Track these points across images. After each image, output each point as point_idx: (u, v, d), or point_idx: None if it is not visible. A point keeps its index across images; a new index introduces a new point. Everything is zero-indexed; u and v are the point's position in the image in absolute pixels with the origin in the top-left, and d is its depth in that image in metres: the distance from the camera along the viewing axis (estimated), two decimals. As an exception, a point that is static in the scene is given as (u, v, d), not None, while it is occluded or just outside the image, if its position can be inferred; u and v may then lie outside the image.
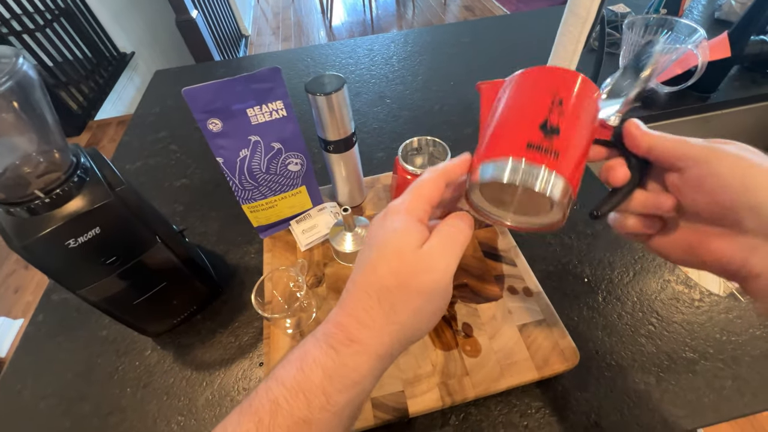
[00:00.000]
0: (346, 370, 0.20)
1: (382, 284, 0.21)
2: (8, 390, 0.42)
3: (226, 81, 0.35)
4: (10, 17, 1.67)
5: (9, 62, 0.26)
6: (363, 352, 0.20)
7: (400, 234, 0.21)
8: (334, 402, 0.20)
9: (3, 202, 0.29)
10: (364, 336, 0.20)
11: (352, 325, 0.21)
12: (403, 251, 0.21)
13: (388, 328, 0.21)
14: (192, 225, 0.56)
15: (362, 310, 0.21)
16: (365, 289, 0.21)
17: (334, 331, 0.21)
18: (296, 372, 0.20)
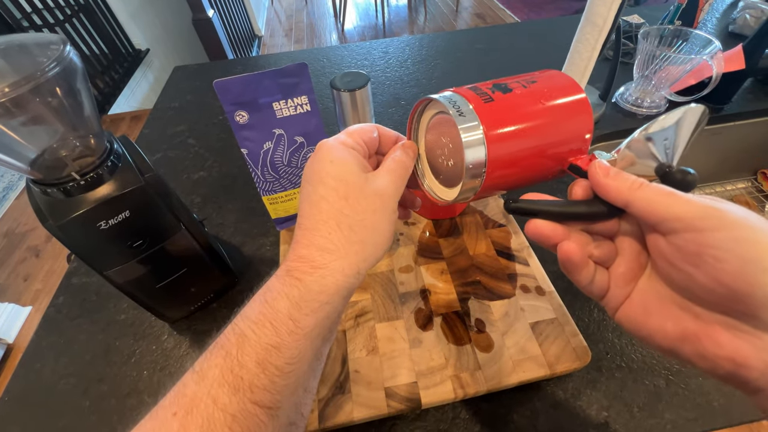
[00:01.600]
0: (312, 293, 0.20)
1: (335, 209, 0.21)
2: (29, 369, 0.43)
3: (255, 75, 0.36)
4: (31, 11, 1.71)
5: (57, 49, 0.28)
6: (328, 274, 0.21)
7: (339, 163, 0.22)
8: (303, 325, 0.20)
9: (40, 183, 0.31)
10: (328, 260, 0.21)
11: (313, 254, 0.21)
12: (348, 178, 0.22)
13: (351, 247, 0.21)
14: (209, 216, 0.58)
15: (321, 238, 0.21)
16: (321, 219, 0.21)
17: (296, 264, 0.21)
18: (260, 305, 0.20)
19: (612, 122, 0.70)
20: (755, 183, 0.86)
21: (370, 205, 0.22)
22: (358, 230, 0.22)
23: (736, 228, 0.15)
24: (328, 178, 0.22)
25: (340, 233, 0.21)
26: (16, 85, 0.25)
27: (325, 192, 0.22)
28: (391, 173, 0.24)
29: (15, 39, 0.29)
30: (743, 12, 0.87)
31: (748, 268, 0.15)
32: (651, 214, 0.18)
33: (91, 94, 0.31)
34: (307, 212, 0.22)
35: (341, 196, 0.22)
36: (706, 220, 0.16)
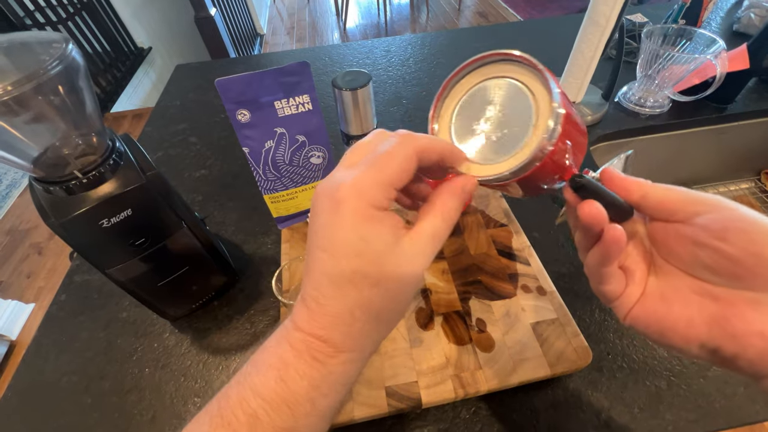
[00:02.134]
0: (333, 377, 0.19)
1: (365, 298, 0.18)
2: (31, 366, 0.43)
3: (256, 73, 0.36)
4: (34, 9, 1.71)
5: (59, 47, 0.28)
6: (351, 360, 0.19)
7: (372, 240, 0.18)
8: (321, 407, 0.19)
9: (43, 181, 0.31)
10: (352, 346, 0.19)
11: (336, 338, 0.19)
12: (382, 261, 0.18)
13: (375, 335, 0.20)
14: (211, 215, 0.58)
15: (345, 326, 0.19)
16: (346, 307, 0.18)
17: (317, 344, 0.19)
18: (276, 383, 0.18)
19: (615, 122, 0.69)
20: (759, 183, 0.86)
21: (403, 292, 0.19)
22: (384, 317, 0.19)
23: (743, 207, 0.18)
24: (357, 260, 0.18)
25: (367, 323, 0.19)
26: (19, 84, 0.25)
27: (353, 276, 0.18)
28: (432, 236, 0.20)
29: (18, 37, 0.29)
30: (748, 11, 0.86)
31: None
32: (672, 202, 0.19)
33: (94, 92, 0.32)
34: (329, 293, 0.18)
35: (373, 283, 0.18)
36: (722, 203, 0.18)
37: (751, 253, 0.17)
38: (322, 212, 0.19)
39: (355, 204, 0.18)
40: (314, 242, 0.19)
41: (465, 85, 0.23)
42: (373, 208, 0.18)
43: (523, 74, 0.21)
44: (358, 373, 0.20)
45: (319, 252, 0.18)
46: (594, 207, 0.19)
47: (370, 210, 0.18)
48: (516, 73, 0.22)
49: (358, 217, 0.18)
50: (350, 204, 0.18)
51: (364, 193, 0.18)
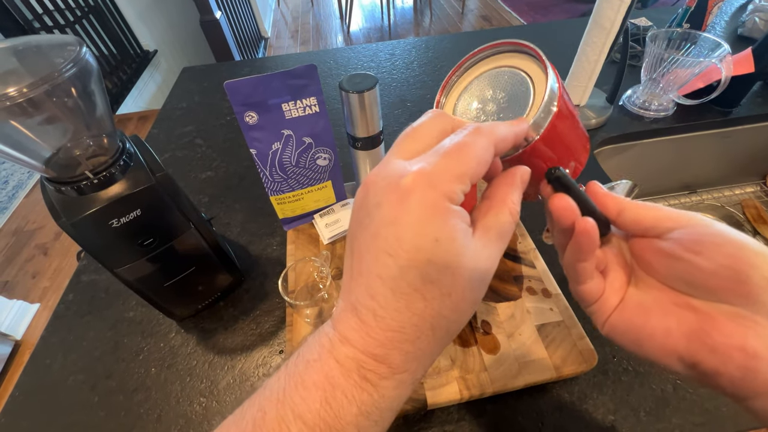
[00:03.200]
0: (386, 401, 0.17)
1: (434, 311, 0.16)
2: (39, 365, 0.44)
3: (264, 76, 0.37)
4: (42, 12, 1.73)
5: (74, 50, 0.28)
6: (406, 381, 0.17)
7: (447, 242, 0.15)
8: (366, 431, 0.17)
9: (54, 181, 0.31)
10: (411, 366, 0.17)
11: (395, 358, 0.16)
12: (456, 266, 0.16)
13: (438, 350, 0.18)
14: (216, 216, 0.58)
15: (408, 343, 0.16)
16: (413, 321, 0.16)
17: (370, 362, 0.16)
18: (320, 407, 0.16)
19: (619, 125, 0.69)
20: (764, 187, 0.86)
21: (473, 299, 0.17)
22: (453, 330, 0.17)
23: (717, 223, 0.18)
24: (429, 267, 0.15)
25: (432, 339, 0.17)
26: (34, 86, 0.26)
27: (423, 285, 0.15)
28: (501, 241, 0.18)
29: (32, 40, 0.30)
30: (752, 15, 0.86)
31: (744, 251, 0.17)
32: (646, 218, 0.20)
33: (105, 94, 0.32)
34: (390, 304, 0.16)
35: (445, 294, 0.16)
36: (696, 218, 0.19)
37: (724, 266, 0.17)
38: (381, 205, 0.16)
39: (428, 195, 0.15)
40: (371, 242, 0.16)
41: (474, 72, 0.24)
42: (448, 200, 0.16)
43: (530, 67, 0.22)
44: (407, 397, 0.18)
45: (382, 255, 0.16)
46: (564, 200, 0.19)
47: (445, 203, 0.15)
48: (524, 65, 0.22)
49: (431, 210, 0.15)
50: (421, 195, 0.15)
51: (439, 184, 0.15)
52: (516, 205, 0.18)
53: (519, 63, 0.23)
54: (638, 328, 0.19)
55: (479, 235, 0.17)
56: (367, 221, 0.16)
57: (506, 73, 0.23)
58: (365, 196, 0.17)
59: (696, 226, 0.18)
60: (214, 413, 0.39)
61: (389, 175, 0.16)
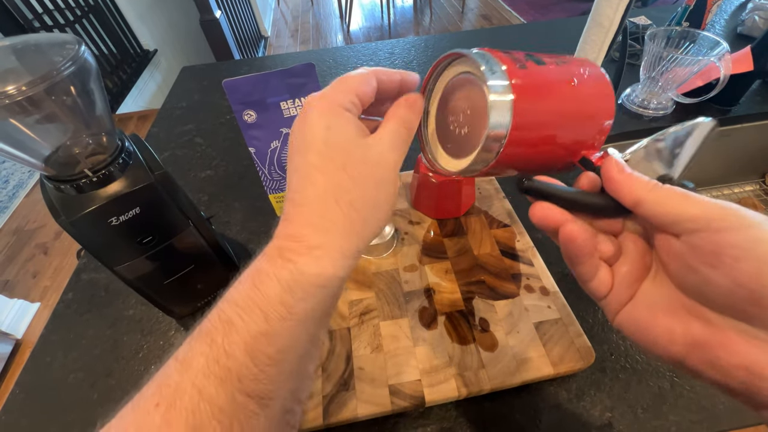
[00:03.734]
0: (306, 276, 0.18)
1: (333, 183, 0.19)
2: (39, 363, 0.44)
3: (263, 74, 0.37)
4: (42, 12, 1.74)
5: (72, 49, 0.28)
6: (325, 255, 0.19)
7: (336, 130, 0.19)
8: (296, 311, 0.18)
9: (54, 179, 0.31)
10: (325, 240, 0.19)
11: (308, 234, 0.18)
12: (347, 146, 0.19)
13: (351, 226, 0.19)
14: (216, 214, 0.58)
15: (316, 215, 0.19)
16: (316, 194, 0.19)
17: (288, 243, 0.19)
18: (249, 289, 0.18)
19: (618, 124, 0.69)
20: (763, 185, 0.86)
21: (372, 176, 0.20)
22: (358, 206, 0.19)
23: (753, 228, 0.15)
24: (323, 147, 0.19)
25: (338, 210, 0.19)
26: (33, 84, 0.26)
27: (320, 162, 0.19)
28: (395, 136, 0.21)
29: (31, 39, 0.30)
30: (752, 13, 0.86)
31: (766, 269, 0.14)
32: (665, 214, 0.17)
33: (104, 93, 0.32)
34: (299, 185, 0.19)
35: (339, 167, 0.19)
36: (723, 220, 0.16)
37: (741, 286, 0.15)
38: (294, 125, 0.20)
39: (321, 104, 0.20)
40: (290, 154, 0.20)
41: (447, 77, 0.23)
42: (338, 105, 0.20)
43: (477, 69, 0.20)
44: (336, 277, 0.19)
45: (291, 153, 0.20)
46: (539, 209, 0.19)
47: (335, 106, 0.19)
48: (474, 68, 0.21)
49: (323, 111, 0.19)
50: (316, 105, 0.20)
51: (328, 96, 0.20)
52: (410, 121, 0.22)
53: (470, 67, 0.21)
54: (643, 329, 0.19)
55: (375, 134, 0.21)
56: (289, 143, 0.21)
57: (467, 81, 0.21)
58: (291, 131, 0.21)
59: (717, 232, 0.16)
60: (213, 410, 0.39)
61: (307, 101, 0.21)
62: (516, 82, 0.18)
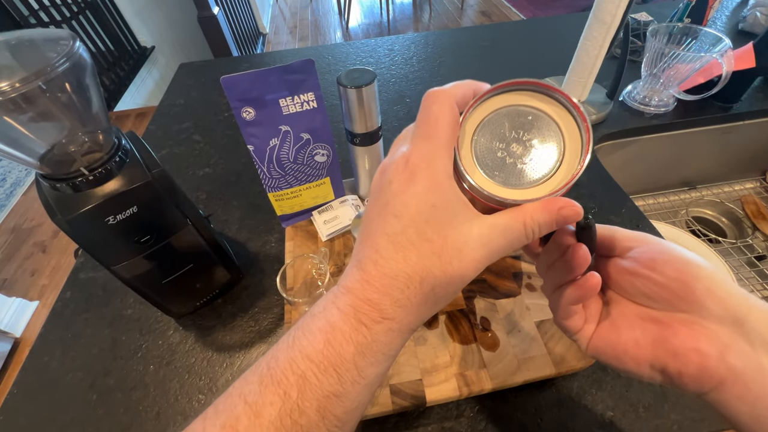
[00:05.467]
0: (379, 345, 0.19)
1: (425, 266, 0.19)
2: (37, 363, 0.44)
3: (261, 71, 0.36)
4: (38, 8, 1.72)
5: (67, 45, 0.28)
6: (397, 329, 0.19)
7: (442, 209, 0.19)
8: (366, 374, 0.19)
9: (50, 178, 0.31)
10: (399, 315, 0.19)
11: (385, 303, 0.19)
12: (450, 233, 0.19)
13: (425, 308, 0.20)
14: (214, 213, 0.58)
15: (398, 290, 0.19)
16: (405, 271, 0.19)
17: (365, 307, 0.19)
18: (324, 346, 0.19)
19: (619, 121, 0.69)
20: (764, 183, 0.85)
21: (464, 269, 0.19)
22: (438, 291, 0.19)
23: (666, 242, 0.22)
24: (425, 226, 0.18)
25: (420, 292, 0.19)
26: (27, 81, 0.25)
27: (418, 241, 0.18)
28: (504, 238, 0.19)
29: (25, 34, 0.29)
30: (754, 9, 0.85)
31: (689, 266, 0.20)
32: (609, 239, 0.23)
33: (100, 90, 0.32)
34: (390, 254, 0.19)
35: (436, 252, 0.18)
36: (647, 237, 0.22)
37: (675, 280, 0.20)
38: (392, 183, 0.19)
39: (427, 173, 0.19)
40: (381, 209, 0.19)
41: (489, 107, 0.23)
42: (444, 175, 0.19)
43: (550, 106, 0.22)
44: (400, 348, 0.20)
45: (390, 217, 0.19)
46: (584, 250, 0.22)
47: (442, 178, 0.19)
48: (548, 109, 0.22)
49: (431, 184, 0.19)
50: (423, 173, 0.19)
51: (433, 163, 0.19)
52: (536, 225, 0.20)
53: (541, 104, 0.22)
54: (613, 344, 0.22)
55: (482, 221, 0.20)
56: (380, 197, 0.20)
57: (530, 114, 0.22)
58: (380, 179, 0.20)
59: (650, 245, 0.22)
60: (212, 410, 0.39)
61: (398, 161, 0.20)
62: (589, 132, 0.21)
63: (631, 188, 0.83)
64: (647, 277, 0.21)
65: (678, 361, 0.19)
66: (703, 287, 0.20)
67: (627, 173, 0.76)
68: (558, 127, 0.22)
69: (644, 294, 0.22)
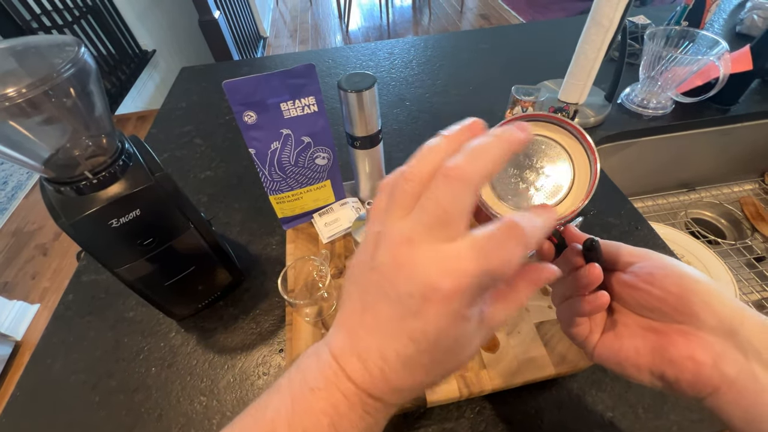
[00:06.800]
0: (379, 426, 0.20)
1: (429, 380, 0.19)
2: (40, 365, 0.44)
3: (263, 75, 0.37)
4: (40, 13, 1.73)
5: (72, 51, 0.28)
6: (396, 406, 0.20)
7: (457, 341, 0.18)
8: None
9: (54, 181, 0.31)
10: (402, 400, 0.20)
11: (391, 399, 0.19)
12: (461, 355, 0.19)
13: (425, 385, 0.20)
14: (216, 216, 0.58)
15: (406, 392, 0.19)
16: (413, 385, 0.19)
17: (371, 401, 0.19)
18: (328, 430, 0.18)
19: (617, 123, 0.70)
20: (762, 184, 0.86)
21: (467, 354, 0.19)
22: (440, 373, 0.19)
23: (665, 257, 0.23)
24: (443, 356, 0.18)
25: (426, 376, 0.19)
26: (32, 86, 0.26)
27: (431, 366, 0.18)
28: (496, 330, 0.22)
29: (31, 41, 0.30)
30: (751, 12, 0.86)
31: (685, 279, 0.21)
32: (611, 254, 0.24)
33: (104, 94, 0.32)
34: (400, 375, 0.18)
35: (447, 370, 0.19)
36: (648, 253, 0.24)
37: (671, 293, 0.21)
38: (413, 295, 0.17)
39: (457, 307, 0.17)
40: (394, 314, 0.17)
41: None
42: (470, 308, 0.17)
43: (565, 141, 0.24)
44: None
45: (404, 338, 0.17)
46: (598, 269, 0.23)
47: (468, 311, 0.17)
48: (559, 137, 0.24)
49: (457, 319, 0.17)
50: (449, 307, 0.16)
51: (466, 295, 0.16)
52: (525, 300, 0.20)
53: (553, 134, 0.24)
54: (616, 351, 0.23)
55: (488, 323, 0.19)
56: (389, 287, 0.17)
57: (543, 143, 0.24)
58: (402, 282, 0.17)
59: (649, 260, 0.23)
60: (214, 412, 0.39)
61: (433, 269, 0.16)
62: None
63: (630, 190, 0.83)
64: (646, 291, 0.22)
65: (675, 368, 0.21)
66: (699, 300, 0.21)
67: (626, 175, 0.77)
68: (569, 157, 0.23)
69: (643, 306, 0.23)
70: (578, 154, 0.23)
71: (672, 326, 0.22)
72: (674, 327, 0.22)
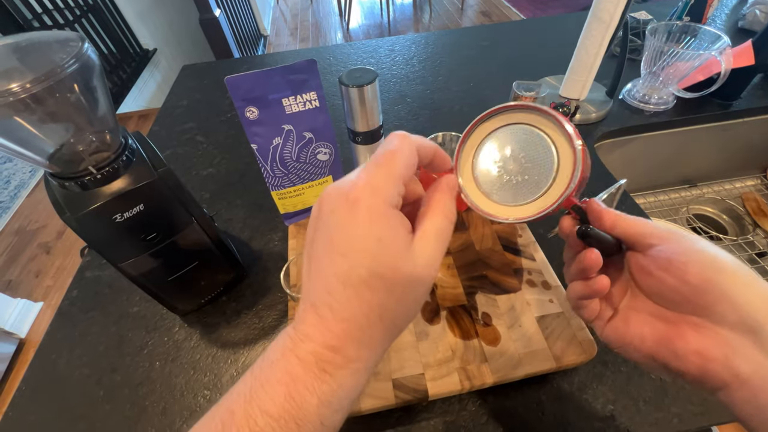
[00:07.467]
0: (345, 390, 0.18)
1: (379, 301, 0.18)
2: (45, 360, 0.44)
3: (265, 71, 0.37)
4: (41, 12, 1.73)
5: (75, 46, 0.29)
6: (363, 368, 0.19)
7: (388, 243, 0.18)
8: (329, 422, 0.18)
9: (58, 176, 0.32)
10: (364, 354, 0.19)
11: (349, 347, 0.18)
12: (398, 264, 0.18)
13: (386, 343, 0.20)
14: (218, 212, 0.59)
15: (360, 330, 0.18)
16: (362, 311, 0.18)
17: (327, 354, 0.18)
18: (284, 400, 0.17)
19: (619, 119, 0.69)
20: (764, 180, 0.86)
21: (416, 294, 0.19)
22: (399, 322, 0.19)
23: (694, 241, 0.21)
24: (373, 262, 0.17)
25: (381, 327, 0.18)
26: (36, 82, 0.26)
27: (369, 278, 0.17)
28: (439, 242, 0.20)
29: (35, 37, 0.30)
30: (753, 7, 0.86)
31: (707, 270, 0.19)
32: (633, 234, 0.22)
33: (107, 90, 0.32)
34: (343, 298, 0.18)
35: (389, 287, 0.18)
36: (672, 234, 0.21)
37: (687, 283, 0.20)
38: (335, 212, 0.18)
39: (371, 202, 0.18)
40: (326, 245, 0.18)
41: (486, 129, 0.25)
42: (388, 205, 0.18)
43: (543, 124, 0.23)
44: (365, 386, 0.20)
45: (337, 257, 0.18)
46: (595, 255, 0.22)
47: (385, 207, 0.18)
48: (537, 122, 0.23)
49: (375, 215, 0.18)
50: (366, 202, 0.18)
51: (379, 190, 0.18)
52: (451, 209, 0.21)
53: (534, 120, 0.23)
54: (621, 335, 0.23)
55: (419, 237, 0.19)
56: (323, 228, 0.19)
57: (522, 131, 0.23)
58: (321, 207, 0.19)
59: (671, 243, 0.21)
60: (218, 406, 0.40)
61: (341, 187, 0.19)
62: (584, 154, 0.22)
63: (631, 186, 0.83)
64: (659, 278, 0.21)
65: (679, 361, 0.20)
66: (719, 293, 0.19)
67: (627, 171, 0.77)
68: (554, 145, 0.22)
69: (656, 293, 0.22)
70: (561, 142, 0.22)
71: (685, 317, 0.20)
72: (687, 318, 0.20)
